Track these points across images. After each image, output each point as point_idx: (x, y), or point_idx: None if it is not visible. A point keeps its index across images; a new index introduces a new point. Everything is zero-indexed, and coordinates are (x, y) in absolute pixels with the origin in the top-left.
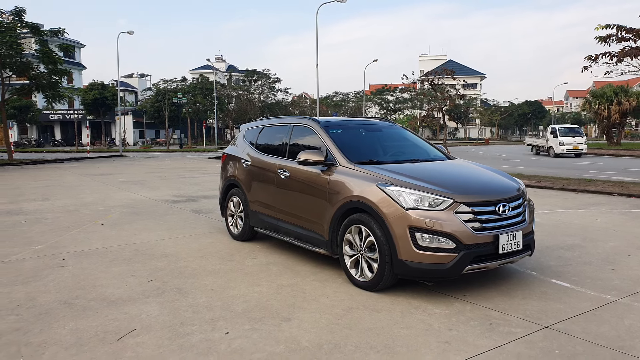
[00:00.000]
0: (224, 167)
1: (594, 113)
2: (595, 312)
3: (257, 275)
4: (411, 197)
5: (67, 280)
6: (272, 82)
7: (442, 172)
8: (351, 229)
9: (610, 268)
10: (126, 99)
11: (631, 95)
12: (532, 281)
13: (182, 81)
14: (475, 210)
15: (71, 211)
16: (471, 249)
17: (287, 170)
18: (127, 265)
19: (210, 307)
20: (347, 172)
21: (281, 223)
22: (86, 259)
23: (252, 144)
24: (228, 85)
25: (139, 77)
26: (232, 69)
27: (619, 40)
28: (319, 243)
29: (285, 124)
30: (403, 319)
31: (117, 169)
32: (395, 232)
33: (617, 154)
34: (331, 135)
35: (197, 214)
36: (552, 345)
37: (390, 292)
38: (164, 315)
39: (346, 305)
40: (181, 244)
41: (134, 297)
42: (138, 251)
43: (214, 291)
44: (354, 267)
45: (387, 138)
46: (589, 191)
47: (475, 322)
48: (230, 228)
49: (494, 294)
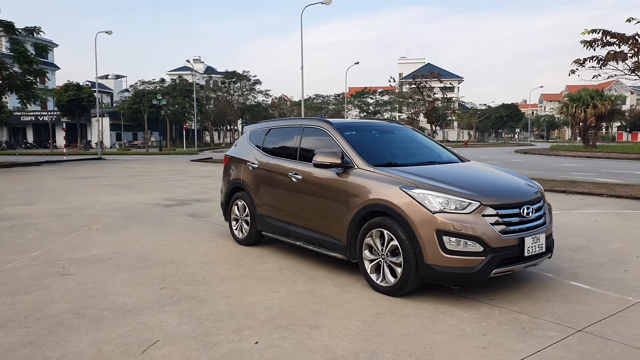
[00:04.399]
0: (227, 169)
1: (571, 116)
2: (622, 314)
3: (272, 280)
4: (437, 200)
5: (72, 289)
6: (253, 84)
7: (464, 175)
8: (372, 232)
9: (623, 269)
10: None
11: (606, 99)
12: (550, 283)
13: (161, 83)
14: (501, 213)
15: (60, 216)
16: (498, 252)
17: (300, 173)
18: (133, 272)
19: (231, 315)
20: (366, 174)
21: (292, 227)
22: (88, 266)
23: (258, 146)
24: (207, 87)
25: (115, 79)
26: (211, 70)
27: (603, 44)
28: (335, 247)
29: (294, 125)
30: (434, 324)
31: (98, 172)
32: (422, 235)
33: (593, 155)
34: (346, 137)
35: (194, 218)
36: (590, 349)
37: (413, 296)
38: (185, 325)
39: (372, 311)
40: (185, 249)
41: (149, 305)
42: (141, 257)
43: (231, 298)
44: (374, 272)
45: (400, 140)
46: (578, 192)
47: (507, 326)
48: (235, 232)
49: (517, 297)
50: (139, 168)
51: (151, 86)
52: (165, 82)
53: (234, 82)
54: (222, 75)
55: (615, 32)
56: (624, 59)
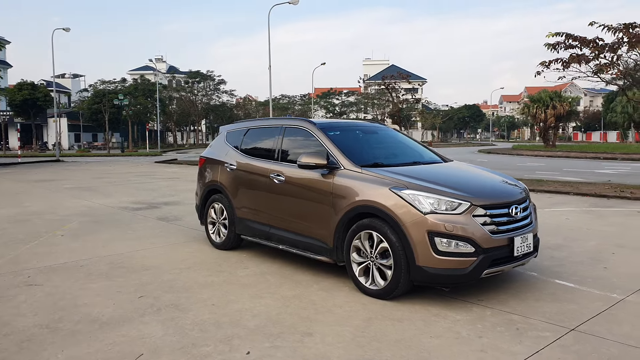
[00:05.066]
0: (202, 171)
1: (532, 117)
2: (610, 312)
3: (255, 286)
4: (428, 201)
5: (41, 300)
6: (217, 84)
7: (451, 175)
8: (360, 235)
9: (603, 267)
10: (60, 100)
11: (564, 100)
12: (536, 282)
13: (122, 82)
14: (491, 213)
15: (21, 221)
16: (489, 253)
17: (282, 175)
18: (107, 280)
19: (218, 324)
20: (354, 175)
21: (274, 230)
22: (56, 275)
23: (236, 147)
24: (170, 87)
25: (72, 78)
26: (174, 70)
27: (566, 47)
28: (321, 250)
29: (274, 125)
30: (428, 327)
31: (58, 175)
32: (413, 237)
33: (554, 155)
34: (330, 137)
35: (164, 222)
36: (585, 348)
37: (404, 299)
38: (170, 336)
39: (364, 316)
40: (159, 254)
41: (128, 316)
42: (114, 264)
43: (215, 306)
44: (363, 275)
45: (383, 140)
46: (545, 191)
47: (502, 327)
48: (212, 236)
49: (506, 297)
50: (101, 170)
51: (112, 86)
52: (126, 81)
53: (197, 82)
54: (185, 75)
55: (577, 35)
56: (587, 61)
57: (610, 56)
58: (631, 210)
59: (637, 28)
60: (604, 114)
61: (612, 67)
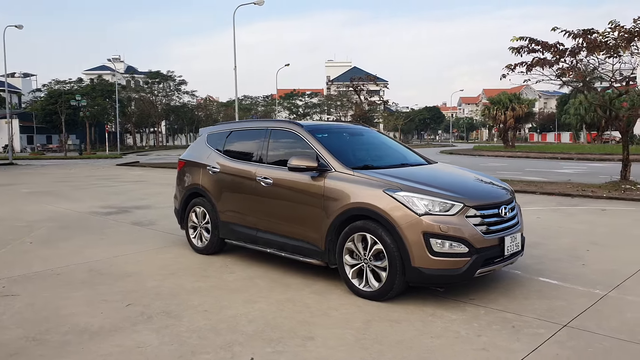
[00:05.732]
0: (182, 175)
1: (492, 118)
2: (596, 307)
3: (246, 291)
4: (422, 202)
5: (22, 311)
6: (178, 84)
7: (441, 177)
8: (353, 237)
9: (581, 263)
10: (11, 100)
11: (523, 102)
12: (521, 280)
13: (78, 82)
14: (483, 214)
15: None
16: (481, 253)
17: (269, 177)
18: (89, 288)
19: (215, 331)
20: (345, 177)
21: (261, 233)
22: (32, 284)
23: (219, 150)
24: (128, 87)
25: (23, 77)
26: (132, 70)
27: (529, 51)
28: (311, 253)
29: (260, 127)
30: (427, 328)
31: (15, 179)
32: (409, 239)
33: (514, 155)
34: (319, 139)
35: (139, 227)
36: (580, 344)
37: (398, 300)
38: (167, 345)
39: (362, 318)
40: (139, 260)
41: (119, 325)
42: (93, 271)
43: (208, 312)
44: (356, 277)
45: (370, 142)
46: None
47: (497, 325)
48: (193, 241)
49: (496, 295)
50: (61, 174)
51: (67, 86)
52: (83, 81)
53: (157, 83)
54: (145, 75)
55: (539, 40)
56: (551, 65)
57: (570, 60)
58: (595, 209)
59: (594, 34)
60: (558, 115)
61: (572, 70)
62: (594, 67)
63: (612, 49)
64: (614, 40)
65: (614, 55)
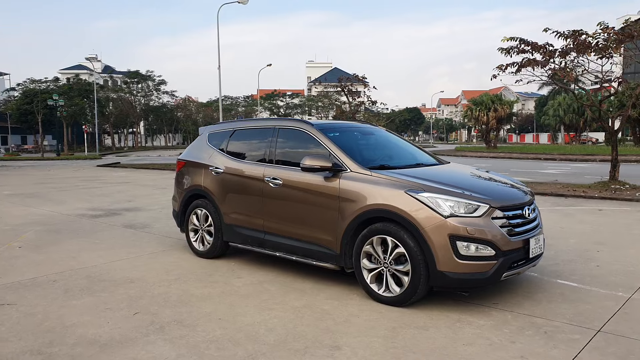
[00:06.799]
0: (181, 175)
1: (474, 119)
2: (624, 310)
3: (257, 297)
4: (447, 204)
5: (22, 322)
6: (157, 84)
7: (460, 177)
8: (372, 240)
9: (595, 265)
10: None
11: (505, 103)
12: (539, 282)
13: (55, 82)
14: (508, 215)
15: None
16: (508, 255)
17: (279, 178)
18: (91, 296)
19: (234, 341)
20: (363, 178)
21: (269, 236)
22: (29, 292)
23: (222, 149)
24: (106, 87)
25: None
26: (110, 69)
27: (519, 52)
28: (325, 257)
29: (266, 126)
30: (456, 334)
31: None
32: (434, 241)
33: (497, 156)
34: (331, 138)
35: (133, 230)
36: (621, 350)
37: (418, 305)
38: (185, 357)
39: (387, 325)
40: (139, 265)
41: (130, 336)
42: (92, 277)
43: (223, 320)
44: (374, 282)
45: (381, 141)
46: None
47: (529, 331)
48: (194, 245)
49: (519, 299)
50: (41, 175)
51: (43, 85)
52: (59, 81)
53: (137, 83)
54: (123, 75)
55: (529, 40)
56: (543, 65)
57: (560, 61)
58: (591, 209)
59: (583, 35)
60: (537, 116)
61: (564, 71)
62: (584, 68)
63: (602, 50)
64: (604, 42)
65: (605, 56)
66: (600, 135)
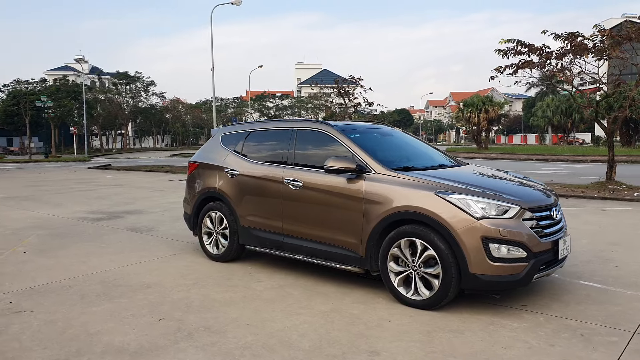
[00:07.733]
0: (193, 178)
1: (465, 120)
2: None
3: (282, 301)
4: (479, 205)
5: (43, 330)
6: (146, 86)
7: (486, 178)
8: (400, 242)
9: (613, 265)
10: None
11: (496, 104)
12: (562, 283)
13: (42, 83)
14: (537, 217)
15: None
16: (538, 257)
17: (299, 180)
18: (109, 302)
19: (268, 347)
20: (389, 179)
21: (288, 239)
22: (44, 299)
23: (237, 151)
24: (95, 88)
25: None
26: (97, 71)
27: (516, 53)
28: (349, 260)
29: (283, 128)
30: (493, 338)
31: None
32: (466, 244)
33: (489, 157)
34: (353, 139)
35: (138, 233)
36: None
37: (447, 309)
38: None
39: (420, 329)
40: (153, 269)
41: (159, 343)
42: (107, 283)
43: (252, 326)
44: (402, 285)
45: (401, 143)
46: None
47: (565, 334)
48: (208, 248)
49: (547, 301)
50: (32, 177)
51: (30, 86)
52: (46, 82)
53: (125, 84)
54: (111, 76)
55: (526, 42)
56: (542, 66)
57: (556, 62)
58: (594, 209)
59: (579, 37)
60: (525, 118)
61: (562, 72)
62: (581, 69)
63: (600, 52)
64: (601, 44)
65: (602, 58)
66: (587, 136)
